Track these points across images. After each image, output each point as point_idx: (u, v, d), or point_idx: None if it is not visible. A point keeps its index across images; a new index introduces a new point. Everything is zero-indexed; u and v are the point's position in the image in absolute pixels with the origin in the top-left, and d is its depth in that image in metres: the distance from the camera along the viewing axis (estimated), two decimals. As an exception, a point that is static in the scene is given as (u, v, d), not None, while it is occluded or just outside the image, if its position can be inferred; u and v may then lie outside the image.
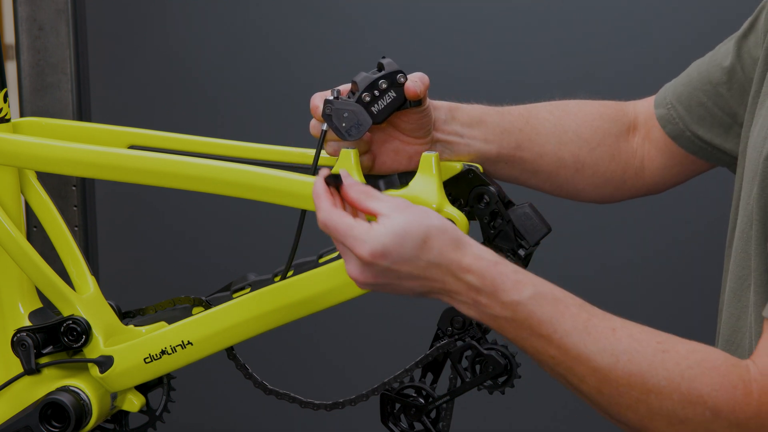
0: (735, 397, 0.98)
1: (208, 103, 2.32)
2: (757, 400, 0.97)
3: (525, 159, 1.34)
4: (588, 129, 1.38)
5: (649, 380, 1.00)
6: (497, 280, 1.06)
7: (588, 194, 1.39)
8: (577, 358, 1.03)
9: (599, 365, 1.02)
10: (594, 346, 1.02)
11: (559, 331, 1.03)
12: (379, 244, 1.05)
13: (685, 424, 0.99)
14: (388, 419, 1.33)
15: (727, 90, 1.29)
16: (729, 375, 0.99)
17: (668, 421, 1.00)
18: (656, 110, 1.37)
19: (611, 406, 1.03)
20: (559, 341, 1.03)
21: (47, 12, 1.83)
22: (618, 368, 1.01)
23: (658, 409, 1.00)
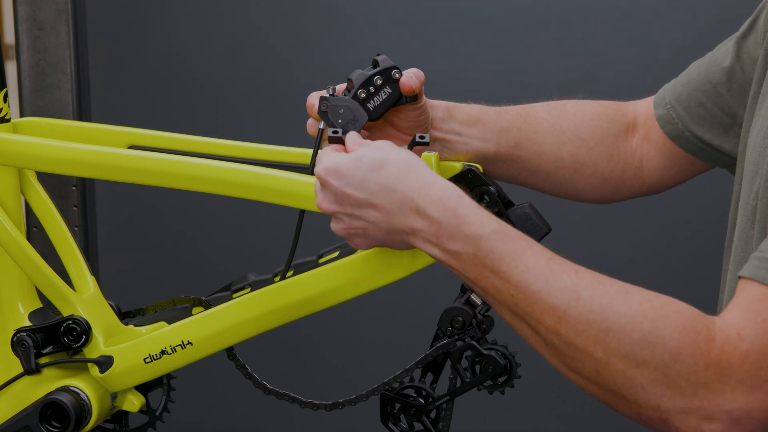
0: (697, 341, 0.94)
1: (208, 103, 2.32)
2: (719, 348, 0.94)
3: (523, 158, 1.34)
4: (586, 129, 1.38)
5: (610, 317, 0.97)
6: (460, 212, 1.05)
7: (587, 194, 1.39)
8: (536, 296, 1.00)
9: (558, 302, 0.98)
10: (555, 282, 1.00)
11: (520, 267, 1.01)
12: (333, 162, 1.10)
13: (642, 368, 0.95)
14: (388, 419, 1.33)
15: (727, 90, 1.29)
16: (693, 321, 0.96)
17: (625, 363, 0.96)
18: (655, 110, 1.37)
19: (568, 350, 0.99)
20: (519, 277, 1.01)
21: (47, 12, 1.83)
22: (578, 305, 0.98)
23: (616, 349, 0.96)
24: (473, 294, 1.30)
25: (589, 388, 1.00)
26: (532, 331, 1.02)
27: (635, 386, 0.96)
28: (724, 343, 0.94)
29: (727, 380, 0.93)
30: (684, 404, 0.94)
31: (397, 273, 1.24)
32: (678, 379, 0.94)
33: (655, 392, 0.95)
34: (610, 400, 0.99)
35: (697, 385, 0.93)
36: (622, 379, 0.96)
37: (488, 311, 1.30)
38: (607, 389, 0.98)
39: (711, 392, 0.93)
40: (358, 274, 1.24)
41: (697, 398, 0.94)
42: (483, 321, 1.29)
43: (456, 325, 1.29)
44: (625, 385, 0.96)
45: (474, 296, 1.29)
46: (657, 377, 0.95)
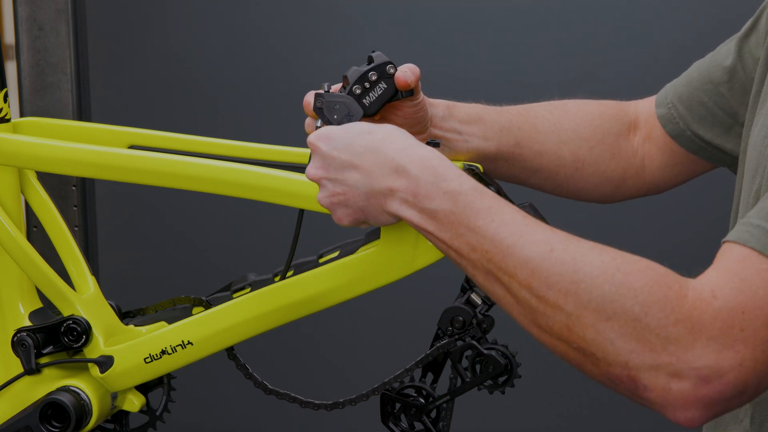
0: (668, 296, 0.92)
1: (208, 103, 2.32)
2: (691, 304, 0.92)
3: (525, 157, 1.34)
4: (587, 128, 1.37)
5: (582, 269, 0.95)
6: (439, 169, 1.05)
7: (588, 193, 1.39)
8: (510, 249, 0.99)
9: (532, 254, 0.98)
10: (530, 236, 0.99)
11: (497, 221, 1.01)
12: (325, 130, 1.13)
13: (612, 321, 0.93)
14: (388, 419, 1.33)
15: (728, 90, 1.29)
16: (666, 276, 0.95)
17: (595, 315, 0.94)
18: (657, 110, 1.37)
19: (539, 305, 0.97)
20: (494, 231, 1.00)
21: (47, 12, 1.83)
22: (551, 257, 0.97)
23: (587, 301, 0.94)
24: (473, 294, 1.30)
25: (559, 347, 0.98)
26: (505, 290, 1.00)
27: (604, 341, 0.94)
28: (697, 299, 0.92)
29: (697, 336, 0.91)
30: (653, 360, 0.92)
31: (397, 273, 1.24)
32: (647, 333, 0.92)
33: (624, 347, 0.93)
34: (579, 360, 0.97)
35: (667, 341, 0.91)
36: (592, 333, 0.94)
37: (488, 311, 1.30)
38: (577, 347, 0.96)
39: (680, 348, 0.91)
40: (358, 274, 1.24)
41: (666, 354, 0.91)
42: (483, 321, 1.29)
43: (456, 325, 1.29)
44: (594, 340, 0.94)
45: (474, 296, 1.29)
46: (626, 331, 0.93)
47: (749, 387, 0.91)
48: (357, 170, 1.09)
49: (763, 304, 0.90)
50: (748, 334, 0.90)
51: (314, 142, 1.13)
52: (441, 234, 1.04)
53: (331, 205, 1.12)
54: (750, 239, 0.93)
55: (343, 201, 1.11)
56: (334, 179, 1.11)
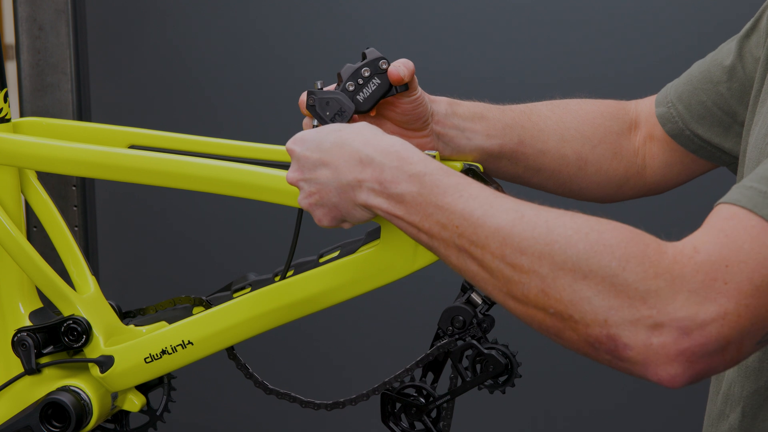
0: (646, 252, 0.91)
1: (208, 103, 2.32)
2: (671, 258, 0.90)
3: (528, 155, 1.34)
4: (590, 126, 1.37)
5: (555, 229, 0.94)
6: (402, 153, 1.06)
7: (591, 193, 1.39)
8: (480, 220, 0.98)
9: (503, 222, 0.97)
10: (499, 206, 0.98)
11: (465, 195, 1.00)
12: (301, 133, 1.14)
13: (589, 279, 0.91)
14: (388, 419, 1.33)
15: (727, 89, 1.29)
16: (643, 235, 0.93)
17: (572, 275, 0.92)
18: (657, 109, 1.37)
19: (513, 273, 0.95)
20: (463, 205, 0.99)
21: (47, 12, 1.83)
22: (522, 222, 0.96)
23: (562, 261, 0.93)
24: (474, 293, 1.30)
25: (537, 317, 0.96)
26: (478, 265, 0.99)
27: (582, 300, 0.92)
28: (677, 254, 0.91)
29: (678, 289, 0.89)
30: (632, 315, 0.90)
31: (397, 272, 1.24)
32: (626, 287, 0.90)
33: (602, 305, 0.91)
34: (557, 327, 0.95)
35: (646, 294, 0.90)
36: (569, 293, 0.92)
37: (489, 311, 1.30)
38: (554, 312, 0.94)
39: (660, 300, 0.89)
40: (358, 274, 1.24)
41: (646, 307, 0.89)
42: (483, 320, 1.29)
43: (456, 325, 1.29)
44: (571, 301, 0.92)
45: (474, 295, 1.29)
46: (604, 288, 0.91)
47: (731, 342, 0.89)
48: (327, 167, 1.10)
49: (748, 259, 0.89)
50: (731, 287, 0.88)
51: (290, 146, 1.14)
52: (410, 217, 1.04)
53: (309, 207, 1.13)
54: (741, 199, 0.92)
55: (319, 200, 1.11)
56: (309, 179, 1.11)
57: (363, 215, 1.10)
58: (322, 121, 1.21)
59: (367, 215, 1.10)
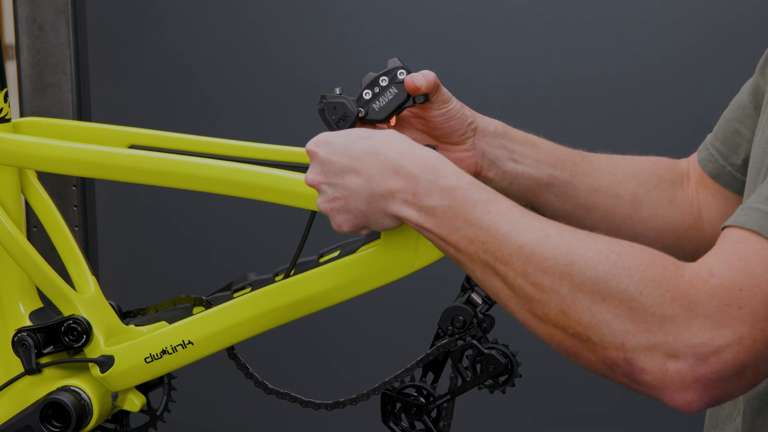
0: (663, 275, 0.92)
1: (208, 103, 2.32)
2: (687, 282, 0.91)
3: (579, 191, 1.31)
4: (644, 171, 1.35)
5: (576, 250, 0.95)
6: (438, 166, 1.06)
7: (648, 240, 1.34)
8: (505, 236, 0.99)
9: (527, 240, 0.98)
10: (525, 223, 0.99)
11: (493, 211, 1.01)
12: (323, 135, 1.13)
13: (607, 302, 0.92)
14: (389, 419, 1.33)
15: (754, 108, 1.27)
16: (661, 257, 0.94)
17: (590, 297, 0.93)
18: (698, 156, 1.34)
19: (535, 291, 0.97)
20: (491, 221, 1.00)
21: (47, 12, 1.83)
22: (546, 242, 0.97)
23: (581, 282, 0.94)
24: (474, 293, 1.30)
25: (556, 336, 0.97)
26: (502, 282, 1.00)
27: (600, 323, 0.93)
28: (693, 277, 0.91)
29: (694, 315, 0.90)
30: (648, 340, 0.91)
31: (398, 272, 1.24)
32: (643, 312, 0.91)
33: (619, 328, 0.92)
34: (576, 348, 0.96)
35: (663, 319, 0.91)
36: (587, 315, 0.94)
37: (489, 310, 1.30)
38: (573, 332, 0.95)
39: (676, 326, 0.90)
40: (358, 274, 1.24)
41: (662, 333, 0.90)
42: (484, 320, 1.29)
43: (457, 324, 1.29)
44: (590, 323, 0.93)
45: (475, 295, 1.29)
46: (622, 311, 0.92)
47: (748, 367, 0.90)
48: (357, 174, 1.09)
49: (761, 282, 0.89)
50: (745, 312, 0.89)
51: (313, 148, 1.13)
52: (440, 230, 1.04)
53: (330, 211, 1.12)
54: (748, 221, 0.93)
55: (344, 206, 1.11)
56: (334, 184, 1.11)
57: (390, 224, 1.11)
58: (327, 125, 1.21)
59: (394, 224, 1.11)
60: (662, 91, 2.20)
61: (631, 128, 2.21)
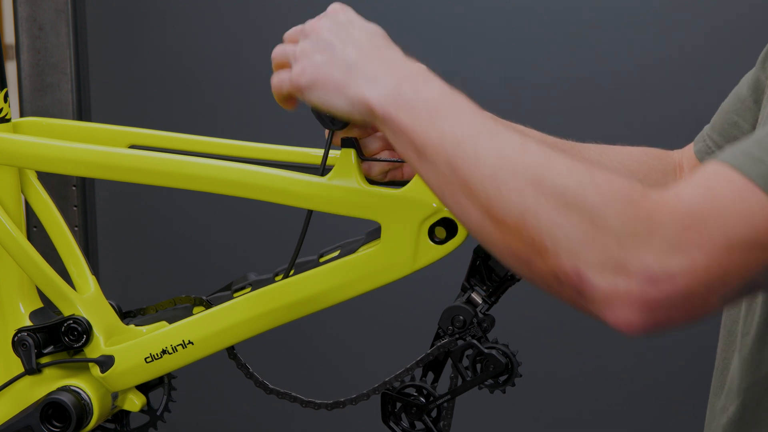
0: (631, 194, 0.90)
1: (208, 103, 2.33)
2: (653, 203, 0.89)
3: None
4: (634, 161, 1.34)
5: (551, 161, 0.93)
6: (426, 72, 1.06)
7: None
8: (484, 128, 0.98)
9: (503, 147, 0.96)
10: (503, 126, 0.98)
11: (479, 116, 0.99)
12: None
13: (571, 211, 0.90)
14: (389, 418, 1.33)
15: (754, 102, 1.27)
16: (630, 180, 0.92)
17: (555, 205, 0.91)
18: (694, 146, 1.34)
19: (497, 192, 0.94)
20: (473, 120, 0.99)
21: (47, 12, 1.83)
22: (523, 149, 0.95)
23: (548, 189, 0.92)
24: (474, 293, 1.30)
25: (511, 243, 0.95)
26: (462, 182, 0.97)
27: (559, 231, 0.91)
28: (659, 200, 0.90)
29: (653, 236, 0.88)
30: (604, 254, 0.89)
31: (397, 272, 1.24)
32: (604, 227, 0.89)
33: (577, 239, 0.90)
34: (527, 256, 0.94)
35: (622, 236, 0.89)
36: (547, 223, 0.92)
37: (489, 310, 1.30)
38: (528, 239, 0.93)
39: (634, 245, 0.88)
40: (358, 274, 1.24)
41: (619, 249, 0.89)
42: (484, 320, 1.29)
43: (457, 324, 1.29)
44: (548, 230, 0.91)
45: (475, 295, 1.29)
46: (583, 222, 0.90)
47: (697, 296, 0.88)
48: (352, 46, 1.11)
49: (727, 215, 0.88)
50: (705, 241, 0.87)
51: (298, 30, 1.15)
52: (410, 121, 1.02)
53: (293, 55, 1.13)
54: (731, 159, 0.91)
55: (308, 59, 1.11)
56: (316, 39, 1.14)
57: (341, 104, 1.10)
58: (322, 122, 1.20)
59: (345, 107, 1.09)
60: (662, 91, 2.20)
61: (630, 128, 2.21)
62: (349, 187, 1.21)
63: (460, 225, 1.20)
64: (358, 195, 1.21)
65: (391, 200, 1.21)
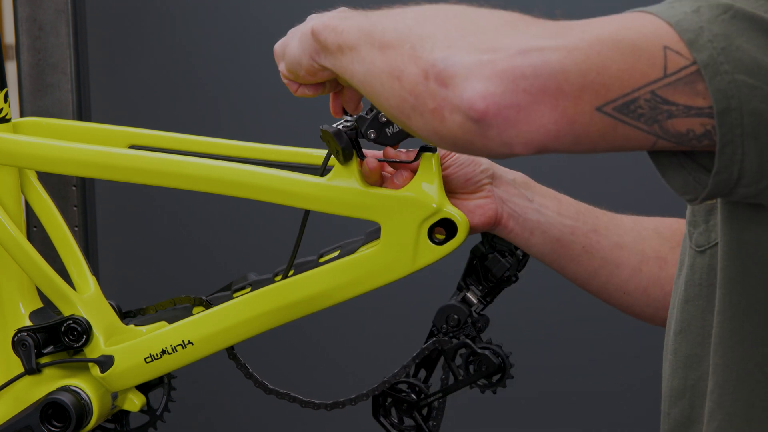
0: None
1: (208, 103, 2.33)
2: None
3: (603, 245, 1.25)
4: (666, 229, 1.29)
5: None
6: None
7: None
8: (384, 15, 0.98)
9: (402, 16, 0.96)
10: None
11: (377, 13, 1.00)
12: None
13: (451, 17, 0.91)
14: (379, 414, 1.33)
15: None
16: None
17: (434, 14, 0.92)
18: None
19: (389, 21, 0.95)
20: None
21: (47, 12, 1.83)
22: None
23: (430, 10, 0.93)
24: (469, 292, 1.30)
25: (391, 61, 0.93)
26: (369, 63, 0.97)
27: (439, 31, 0.90)
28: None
29: (534, 25, 0.89)
30: (478, 39, 0.87)
31: (397, 272, 1.24)
32: (482, 20, 0.89)
33: (455, 32, 0.89)
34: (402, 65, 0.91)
35: (501, 25, 0.88)
36: (429, 26, 0.91)
37: (484, 310, 1.31)
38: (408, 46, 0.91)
39: (512, 30, 0.87)
40: (358, 273, 1.24)
41: (494, 33, 0.87)
42: (478, 320, 1.30)
43: (451, 323, 1.29)
44: (429, 31, 0.90)
45: (470, 294, 1.30)
46: (465, 20, 0.90)
47: (569, 82, 0.85)
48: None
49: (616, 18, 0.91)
50: (582, 31, 0.89)
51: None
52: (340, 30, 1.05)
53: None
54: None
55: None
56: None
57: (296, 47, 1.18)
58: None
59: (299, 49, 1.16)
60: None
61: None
62: (348, 188, 1.21)
63: (459, 225, 1.20)
64: (358, 195, 1.21)
65: (391, 201, 1.21)
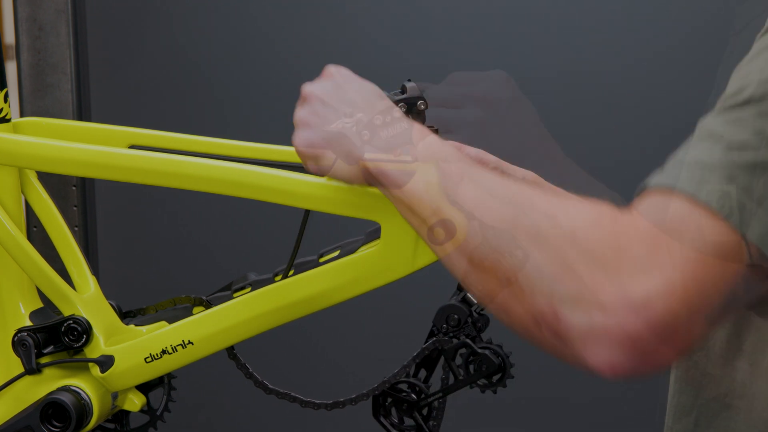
0: (599, 219, 0.87)
1: (209, 103, 2.33)
2: (620, 225, 0.85)
3: None
4: None
5: (527, 197, 0.92)
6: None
7: None
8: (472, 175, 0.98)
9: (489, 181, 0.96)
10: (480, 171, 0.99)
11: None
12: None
13: (541, 247, 0.87)
14: (379, 413, 1.33)
15: None
16: (601, 204, 0.89)
17: (526, 240, 0.88)
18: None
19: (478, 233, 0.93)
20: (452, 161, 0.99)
21: (47, 12, 1.83)
22: (505, 185, 0.95)
23: (523, 226, 0.89)
24: (469, 292, 1.30)
25: (487, 285, 0.93)
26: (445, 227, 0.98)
27: (532, 268, 0.88)
28: (625, 222, 0.86)
29: (622, 258, 0.83)
30: (576, 287, 0.85)
31: (397, 272, 1.24)
32: (574, 255, 0.86)
33: (550, 274, 0.86)
34: (504, 299, 0.91)
35: (592, 263, 0.84)
36: (520, 261, 0.89)
37: (484, 310, 1.31)
38: (504, 280, 0.90)
39: (604, 270, 0.84)
40: (358, 274, 1.24)
41: (591, 277, 0.84)
42: (478, 319, 1.30)
43: (451, 323, 1.29)
44: (522, 268, 0.88)
45: (470, 294, 1.30)
46: (555, 256, 0.87)
47: (679, 319, 0.83)
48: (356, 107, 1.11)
49: (683, 233, 0.84)
50: (675, 257, 0.83)
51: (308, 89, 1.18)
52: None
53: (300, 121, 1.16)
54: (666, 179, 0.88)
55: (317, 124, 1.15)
56: (327, 104, 1.15)
57: (343, 170, 1.14)
58: None
59: (347, 173, 1.13)
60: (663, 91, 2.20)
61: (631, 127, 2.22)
62: (348, 188, 1.21)
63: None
64: (358, 195, 1.21)
65: (391, 200, 1.21)
